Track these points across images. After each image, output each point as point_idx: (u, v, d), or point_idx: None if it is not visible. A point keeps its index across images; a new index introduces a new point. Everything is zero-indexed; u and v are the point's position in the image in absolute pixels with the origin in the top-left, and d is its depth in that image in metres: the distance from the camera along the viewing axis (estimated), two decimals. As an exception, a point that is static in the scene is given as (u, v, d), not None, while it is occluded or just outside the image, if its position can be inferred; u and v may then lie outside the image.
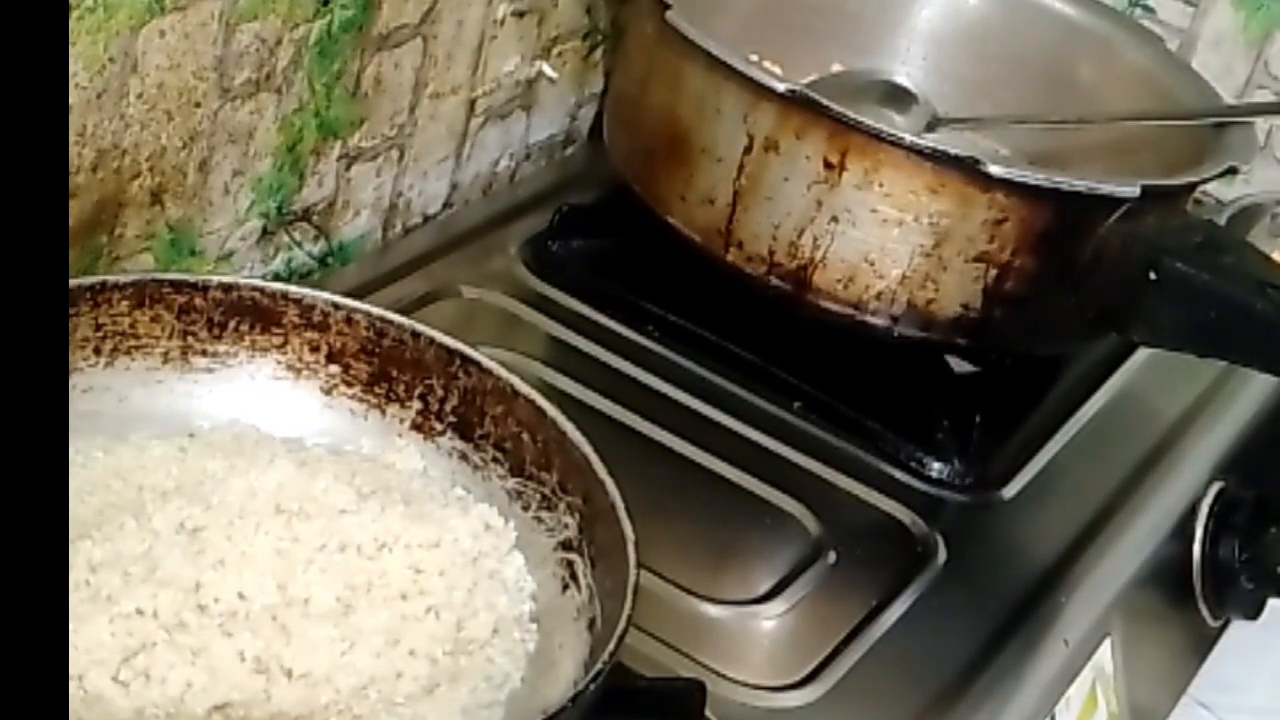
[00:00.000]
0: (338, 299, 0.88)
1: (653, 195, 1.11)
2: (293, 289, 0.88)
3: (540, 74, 1.26)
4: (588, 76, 1.32)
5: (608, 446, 1.01)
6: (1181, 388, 1.21)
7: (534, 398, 0.84)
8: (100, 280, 0.86)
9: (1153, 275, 1.04)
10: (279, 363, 0.89)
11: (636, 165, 1.14)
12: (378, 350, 0.88)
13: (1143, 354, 1.21)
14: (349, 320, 0.88)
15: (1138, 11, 1.46)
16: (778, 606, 0.94)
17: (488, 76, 1.20)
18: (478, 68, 1.19)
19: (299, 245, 1.10)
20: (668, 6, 1.06)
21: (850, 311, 1.06)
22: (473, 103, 1.20)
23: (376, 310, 0.88)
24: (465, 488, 0.85)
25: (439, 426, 0.87)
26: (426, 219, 1.21)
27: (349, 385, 0.88)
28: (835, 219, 1.04)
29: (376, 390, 0.88)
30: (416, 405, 0.87)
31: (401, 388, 0.88)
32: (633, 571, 0.75)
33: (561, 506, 0.82)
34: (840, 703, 0.89)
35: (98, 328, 0.86)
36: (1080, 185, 1.03)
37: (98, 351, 0.86)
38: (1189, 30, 1.45)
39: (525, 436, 0.84)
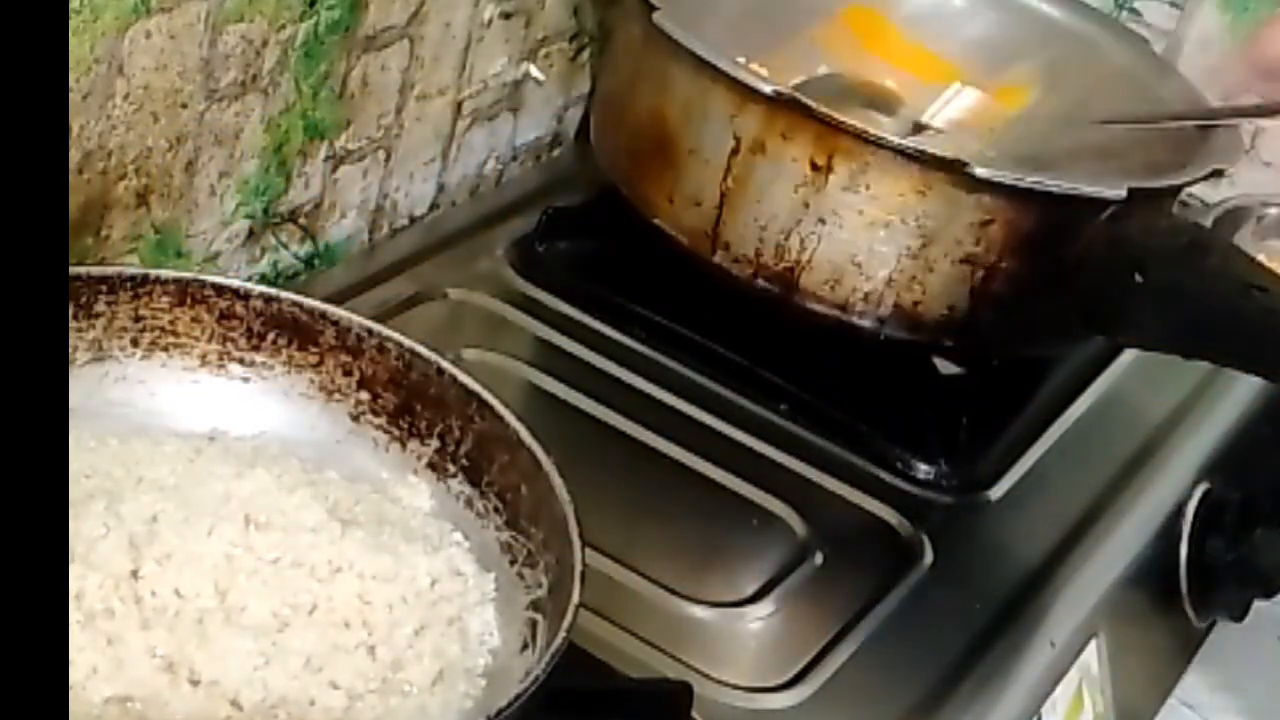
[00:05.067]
0: (371, 324, 0.88)
1: (639, 197, 1.11)
2: (330, 309, 0.88)
3: (527, 76, 1.26)
4: (575, 78, 1.32)
5: (594, 449, 1.02)
6: (1167, 389, 1.22)
7: (535, 449, 0.82)
8: (144, 273, 0.86)
9: (1138, 277, 1.05)
10: (312, 381, 0.88)
11: (623, 167, 1.14)
12: (405, 382, 0.87)
13: (1129, 356, 1.21)
14: (381, 348, 0.88)
15: (1124, 14, 1.46)
16: (764, 608, 0.94)
17: (474, 78, 1.20)
18: (464, 69, 1.19)
19: (285, 247, 1.10)
20: (654, 8, 1.06)
21: (837, 313, 1.06)
22: (459, 104, 1.20)
23: (407, 341, 0.88)
24: (465, 534, 0.84)
25: (452, 468, 0.86)
26: (413, 221, 1.21)
27: (376, 415, 0.88)
28: (822, 220, 1.04)
29: (400, 423, 0.88)
30: (435, 444, 0.87)
31: (423, 424, 0.87)
32: (561, 635, 0.74)
33: (541, 565, 0.81)
34: (827, 704, 0.90)
35: (137, 319, 0.86)
36: (1066, 187, 1.03)
37: (135, 343, 0.87)
38: (1175, 32, 1.45)
39: (524, 488, 0.83)
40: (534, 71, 1.26)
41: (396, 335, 0.88)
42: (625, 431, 1.04)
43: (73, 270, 0.85)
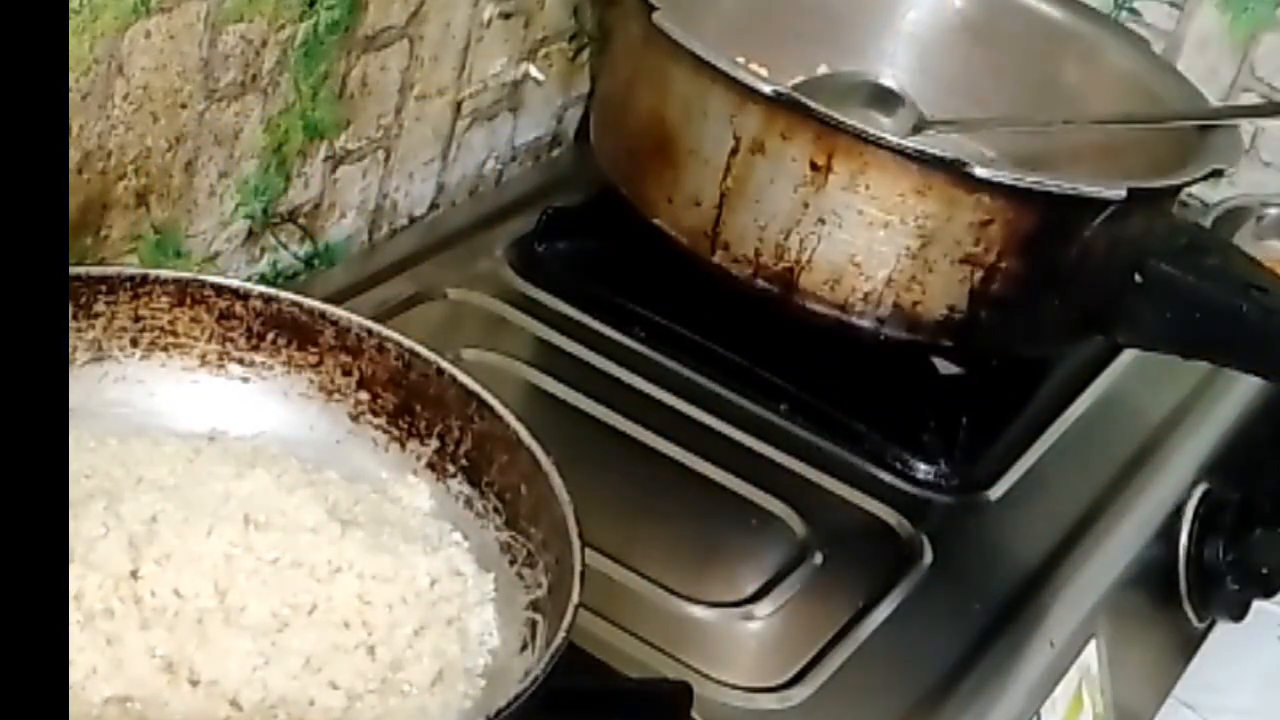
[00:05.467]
0: (370, 324, 0.88)
1: (639, 197, 1.11)
2: (330, 309, 0.88)
3: (526, 76, 1.26)
4: (574, 78, 1.32)
5: (594, 449, 1.02)
6: (1167, 390, 1.22)
7: (535, 449, 0.82)
8: (143, 273, 0.87)
9: (1138, 277, 1.05)
10: (312, 382, 0.88)
11: (623, 167, 1.14)
12: (404, 382, 0.87)
13: (1128, 356, 1.21)
14: (380, 348, 0.88)
15: (1123, 14, 1.46)
16: (764, 608, 0.94)
17: (474, 78, 1.20)
18: (464, 69, 1.19)
19: (285, 247, 1.10)
20: (654, 8, 1.06)
21: (836, 313, 1.06)
22: (459, 104, 1.20)
23: (407, 341, 0.88)
24: (464, 534, 0.84)
25: (451, 469, 0.86)
26: (412, 221, 1.21)
27: (375, 415, 0.88)
28: (822, 221, 1.04)
29: (400, 423, 0.88)
30: (434, 444, 0.87)
31: (423, 424, 0.87)
32: (561, 635, 0.74)
33: (540, 565, 0.81)
34: (826, 704, 0.90)
35: (137, 319, 0.87)
36: (1066, 187, 1.03)
37: (134, 343, 0.87)
38: (1174, 33, 1.45)
39: (523, 489, 0.83)
40: (534, 71, 1.26)
41: (396, 335, 0.88)
42: (625, 431, 1.04)
43: (73, 270, 0.85)
